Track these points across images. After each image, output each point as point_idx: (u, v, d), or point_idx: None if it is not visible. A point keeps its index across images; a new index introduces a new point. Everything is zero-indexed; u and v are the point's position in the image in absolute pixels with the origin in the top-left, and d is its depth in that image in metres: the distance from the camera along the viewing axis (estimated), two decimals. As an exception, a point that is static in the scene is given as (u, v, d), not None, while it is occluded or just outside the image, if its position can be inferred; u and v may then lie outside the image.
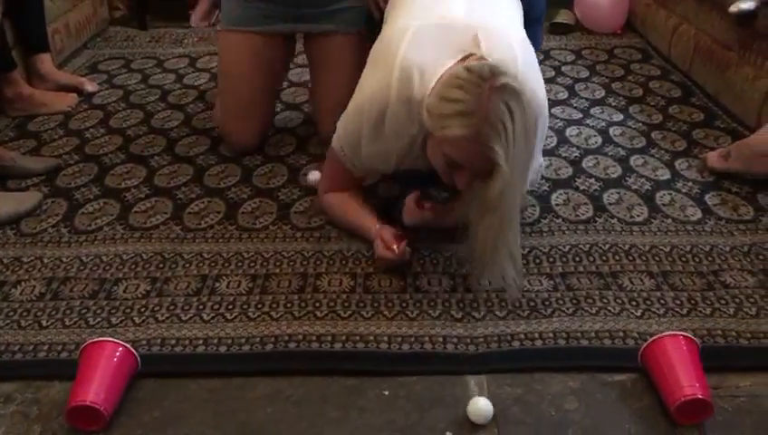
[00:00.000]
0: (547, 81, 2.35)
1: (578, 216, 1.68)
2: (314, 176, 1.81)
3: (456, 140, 1.26)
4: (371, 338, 1.33)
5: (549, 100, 2.14)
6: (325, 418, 1.19)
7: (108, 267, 1.53)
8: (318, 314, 1.39)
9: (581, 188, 1.79)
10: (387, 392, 1.23)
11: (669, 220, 1.66)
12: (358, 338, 1.33)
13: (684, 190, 1.77)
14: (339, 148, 1.56)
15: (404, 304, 1.41)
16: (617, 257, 1.53)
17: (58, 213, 1.71)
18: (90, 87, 2.35)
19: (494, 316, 1.38)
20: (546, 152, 1.95)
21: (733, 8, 2.01)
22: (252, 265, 1.53)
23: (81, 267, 1.53)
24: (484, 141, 1.23)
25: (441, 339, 1.33)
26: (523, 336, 1.33)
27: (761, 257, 1.53)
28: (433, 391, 1.23)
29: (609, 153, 1.95)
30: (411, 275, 1.49)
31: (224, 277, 1.49)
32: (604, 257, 1.53)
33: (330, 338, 1.33)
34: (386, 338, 1.33)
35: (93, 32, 2.86)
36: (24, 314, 1.40)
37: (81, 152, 1.99)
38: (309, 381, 1.26)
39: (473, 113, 1.22)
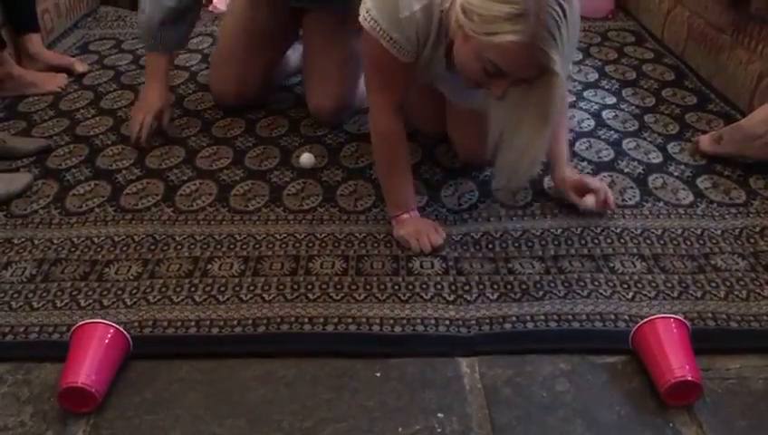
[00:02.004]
0: (541, 63, 2.35)
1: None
2: (307, 159, 1.81)
3: (507, 48, 1.14)
4: (364, 320, 1.33)
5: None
6: (317, 399, 1.19)
7: (99, 249, 1.52)
8: (310, 296, 1.39)
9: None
10: (379, 374, 1.24)
11: (661, 203, 1.66)
12: (350, 320, 1.33)
13: (676, 174, 1.77)
14: (371, 22, 1.34)
15: (396, 287, 1.41)
16: (609, 240, 1.54)
17: (49, 194, 1.70)
18: (80, 67, 2.33)
19: (486, 299, 1.38)
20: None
21: (727, -9, 2.01)
22: (244, 247, 1.53)
23: (73, 249, 1.52)
24: (539, 47, 1.13)
25: (433, 321, 1.33)
26: (514, 319, 1.33)
27: (752, 241, 1.53)
28: (425, 372, 1.24)
29: (602, 136, 1.95)
30: (404, 257, 1.49)
31: (216, 259, 1.49)
32: (596, 240, 1.54)
33: (322, 320, 1.33)
34: (378, 320, 1.33)
35: (84, 11, 2.83)
36: (15, 295, 1.39)
37: (72, 133, 1.97)
38: (301, 362, 1.26)
39: (527, 15, 1.10)
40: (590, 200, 1.57)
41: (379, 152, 1.56)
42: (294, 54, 2.23)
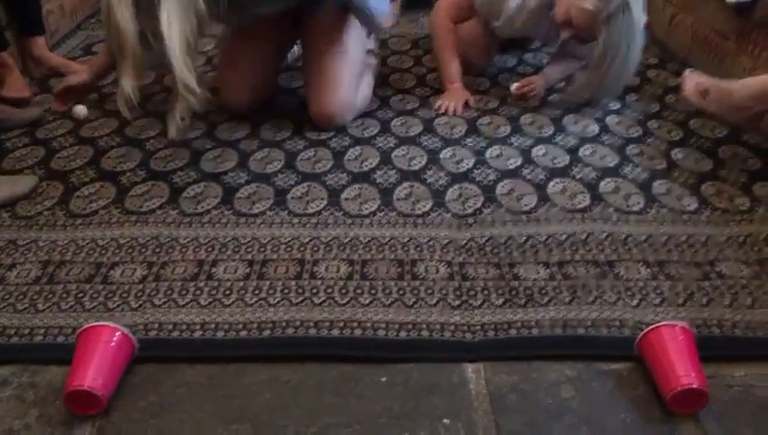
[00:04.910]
0: (545, 68, 2.36)
1: (574, 205, 1.68)
2: (80, 110, 1.95)
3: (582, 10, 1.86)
4: (369, 325, 1.33)
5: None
6: (322, 404, 1.19)
7: (104, 251, 1.52)
8: (315, 300, 1.39)
9: (578, 176, 1.79)
10: (384, 379, 1.24)
11: (666, 210, 1.66)
12: (355, 324, 1.33)
13: (680, 180, 1.77)
14: None
15: (401, 292, 1.41)
16: (613, 247, 1.54)
17: (53, 196, 1.71)
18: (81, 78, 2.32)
19: (492, 305, 1.38)
20: (543, 140, 1.96)
21: (731, -3, 2.01)
22: (249, 250, 1.53)
23: (77, 251, 1.52)
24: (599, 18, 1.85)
25: (438, 326, 1.33)
26: (519, 325, 1.33)
27: (756, 248, 1.53)
28: (430, 378, 1.24)
29: (607, 142, 1.95)
30: (408, 262, 1.49)
31: (221, 262, 1.49)
32: (601, 246, 1.54)
33: (327, 324, 1.33)
34: (383, 325, 1.33)
35: (87, 13, 2.84)
36: (20, 297, 1.39)
37: (76, 135, 1.98)
38: (306, 367, 1.26)
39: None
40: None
41: (437, 40, 2.20)
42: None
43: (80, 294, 1.40)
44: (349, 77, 1.96)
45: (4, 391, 1.21)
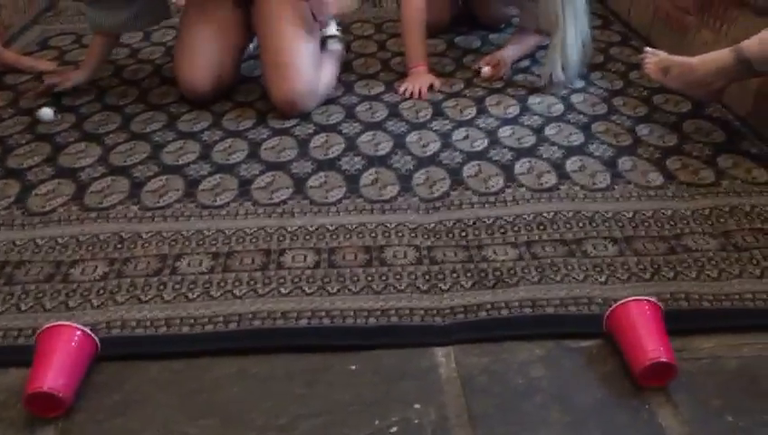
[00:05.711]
0: (509, 49, 2.35)
1: (541, 184, 1.67)
2: (45, 114, 1.92)
3: None
4: (337, 313, 1.31)
5: (510, 70, 2.18)
6: (292, 395, 1.17)
7: (64, 249, 1.48)
8: (282, 290, 1.37)
9: (545, 156, 1.78)
10: (354, 367, 1.22)
11: (631, 186, 1.66)
12: (323, 314, 1.31)
13: (645, 156, 1.78)
14: None
15: (369, 278, 1.39)
16: (580, 224, 1.53)
17: (10, 195, 1.66)
18: (43, 66, 2.27)
19: (461, 287, 1.37)
20: (509, 121, 1.95)
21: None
22: (213, 243, 1.50)
23: (36, 250, 1.48)
24: None
25: (408, 311, 1.32)
26: (489, 306, 1.32)
27: (721, 220, 1.54)
28: (400, 364, 1.22)
29: (572, 120, 1.95)
30: (376, 248, 1.48)
31: (184, 256, 1.46)
32: (568, 225, 1.53)
33: (295, 315, 1.31)
34: (352, 313, 1.31)
35: (43, 6, 2.77)
36: (-23, 299, 1.35)
37: (33, 132, 1.92)
38: (274, 358, 1.24)
39: None
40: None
41: (404, 15, 2.11)
42: None
43: (39, 295, 1.36)
44: (306, 63, 1.93)
45: (-38, 397, 1.17)
